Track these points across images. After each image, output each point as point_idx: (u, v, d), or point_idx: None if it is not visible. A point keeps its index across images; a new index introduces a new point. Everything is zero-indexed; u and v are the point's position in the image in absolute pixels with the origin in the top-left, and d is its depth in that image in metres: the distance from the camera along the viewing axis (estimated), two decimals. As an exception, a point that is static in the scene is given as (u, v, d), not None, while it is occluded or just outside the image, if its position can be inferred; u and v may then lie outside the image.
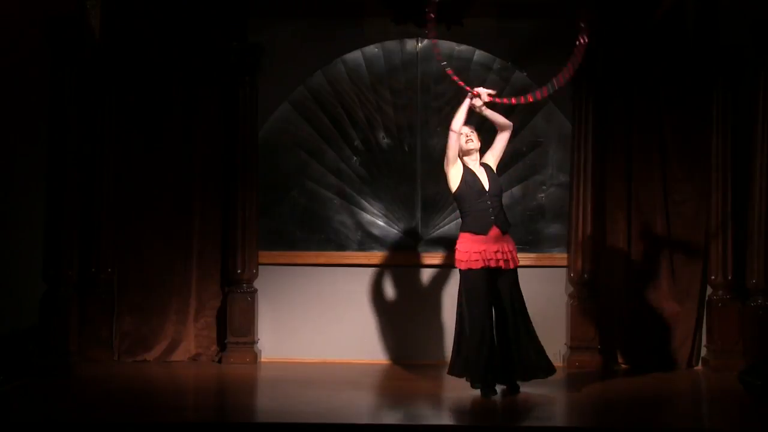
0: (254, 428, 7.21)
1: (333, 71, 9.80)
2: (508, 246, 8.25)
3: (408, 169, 9.77)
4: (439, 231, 9.81)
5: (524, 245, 9.72)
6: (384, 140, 9.78)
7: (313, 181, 9.82)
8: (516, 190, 9.78)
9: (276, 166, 9.79)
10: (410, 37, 9.79)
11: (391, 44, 9.82)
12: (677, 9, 9.38)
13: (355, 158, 9.80)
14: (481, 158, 8.36)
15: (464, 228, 8.24)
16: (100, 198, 9.53)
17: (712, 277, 9.42)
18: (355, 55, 9.80)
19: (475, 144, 8.30)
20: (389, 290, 9.66)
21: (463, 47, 9.79)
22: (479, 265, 8.12)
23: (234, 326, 9.52)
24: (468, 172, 8.26)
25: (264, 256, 9.68)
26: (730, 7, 9.37)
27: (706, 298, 9.51)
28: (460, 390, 8.37)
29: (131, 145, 9.59)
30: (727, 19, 9.39)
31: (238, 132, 9.57)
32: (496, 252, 8.16)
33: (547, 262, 9.72)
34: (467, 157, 8.29)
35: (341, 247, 9.76)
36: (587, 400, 8.31)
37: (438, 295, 9.69)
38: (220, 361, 9.54)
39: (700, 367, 9.50)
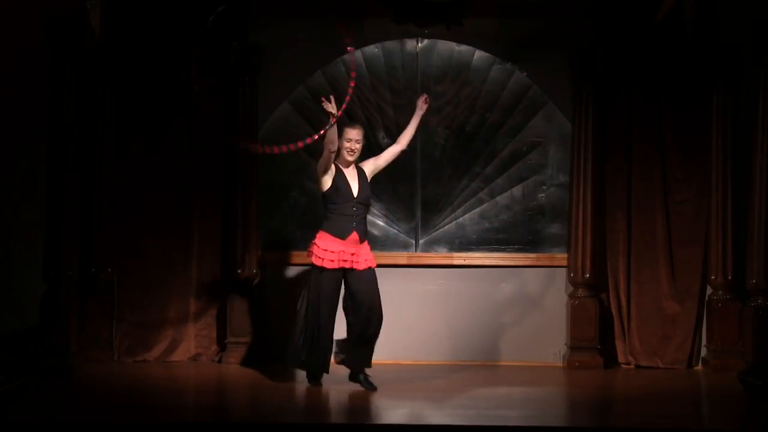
0: (254, 428, 7.20)
1: (333, 71, 9.80)
2: (362, 249, 8.40)
3: (408, 169, 9.76)
4: (439, 231, 9.81)
5: (524, 245, 9.74)
6: (384, 140, 9.77)
7: (313, 181, 9.80)
8: (516, 190, 9.78)
9: (276, 166, 9.79)
10: (410, 37, 9.79)
11: (391, 44, 9.82)
12: (677, 9, 9.38)
13: (355, 158, 9.79)
14: (360, 161, 8.54)
15: (324, 227, 8.41)
16: (100, 198, 9.53)
17: (712, 277, 9.42)
18: (355, 55, 9.79)
19: (357, 155, 8.48)
20: (388, 290, 9.64)
21: (463, 47, 9.79)
22: (334, 265, 8.30)
23: (234, 326, 9.51)
24: (340, 176, 8.42)
25: (264, 256, 9.68)
26: (730, 7, 9.37)
27: (706, 298, 9.51)
28: (461, 389, 8.37)
29: (131, 145, 9.59)
30: (726, 20, 9.39)
31: (238, 132, 9.56)
32: (352, 254, 8.34)
33: (547, 262, 9.72)
34: (343, 160, 8.44)
35: (341, 247, 9.75)
36: (587, 400, 8.32)
37: (437, 295, 9.69)
38: (220, 361, 9.54)
39: (700, 367, 9.50)
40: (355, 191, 8.40)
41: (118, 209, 9.57)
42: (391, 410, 7.84)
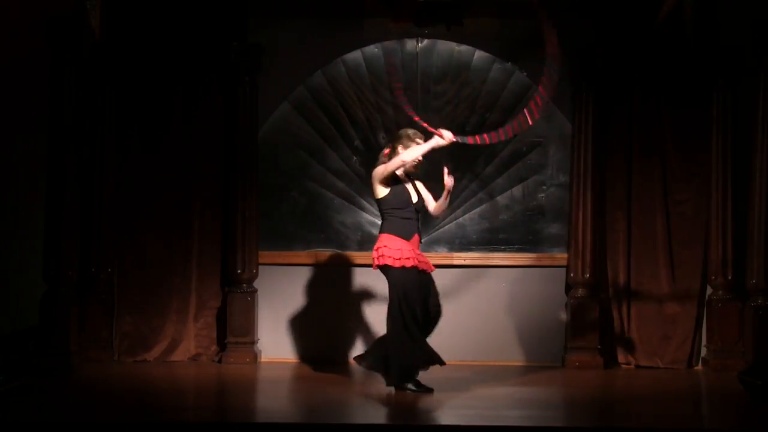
0: (254, 428, 7.20)
1: (333, 71, 9.81)
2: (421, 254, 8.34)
3: (408, 169, 9.76)
4: (439, 231, 9.81)
5: (524, 245, 9.74)
6: (384, 140, 9.77)
7: (313, 181, 9.82)
8: (516, 190, 9.78)
9: (276, 166, 9.80)
10: (410, 37, 9.80)
11: (391, 44, 9.82)
12: (677, 9, 9.38)
13: (355, 158, 9.80)
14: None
15: (388, 230, 8.18)
16: (100, 198, 9.53)
17: (712, 277, 9.42)
18: (355, 55, 9.81)
19: (418, 166, 8.35)
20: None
21: (463, 47, 9.79)
22: (411, 263, 8.14)
23: (234, 326, 9.52)
24: (398, 182, 8.26)
25: (264, 256, 9.68)
26: (730, 7, 9.37)
27: (706, 298, 9.51)
28: (461, 389, 8.37)
29: (131, 145, 9.60)
30: (727, 20, 9.39)
31: (238, 132, 9.57)
32: (418, 255, 8.24)
33: (547, 262, 9.72)
34: (404, 169, 8.30)
35: (341, 247, 9.77)
36: (587, 400, 8.32)
37: (438, 295, 9.69)
38: (220, 361, 9.54)
39: (700, 367, 9.50)
40: (414, 198, 8.29)
41: (118, 209, 9.58)
42: (390, 410, 7.84)
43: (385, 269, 8.16)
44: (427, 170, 9.74)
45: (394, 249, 8.13)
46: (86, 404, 7.87)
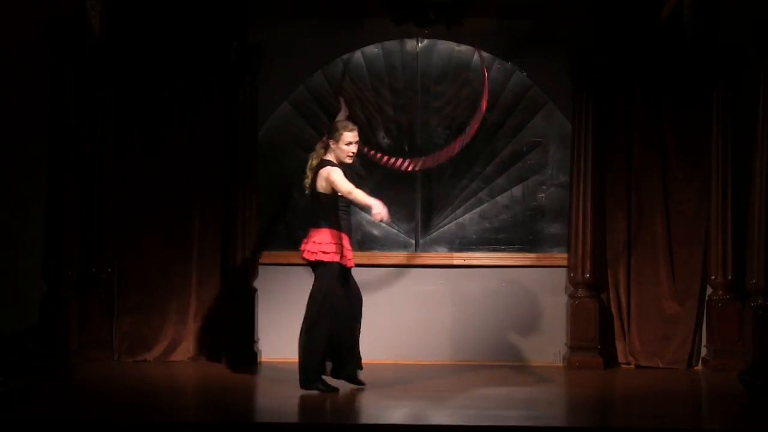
0: (254, 428, 7.21)
1: (333, 71, 9.80)
2: None
3: (408, 169, 9.78)
4: (439, 231, 9.81)
5: (524, 245, 9.74)
6: (384, 140, 9.78)
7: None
8: (516, 190, 9.78)
9: (276, 166, 9.79)
10: (410, 37, 9.80)
11: (391, 44, 9.82)
12: (677, 9, 9.38)
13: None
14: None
15: (329, 225, 8.16)
16: (100, 198, 9.53)
17: (712, 277, 9.42)
18: (355, 55, 9.80)
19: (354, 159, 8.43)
20: (388, 290, 9.66)
21: (463, 47, 9.79)
22: (350, 264, 8.26)
23: (234, 326, 9.51)
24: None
25: (264, 256, 9.68)
26: (730, 7, 9.37)
27: (706, 298, 9.51)
28: (461, 389, 8.38)
29: (131, 145, 9.59)
30: (727, 20, 9.39)
31: (238, 132, 9.57)
32: (349, 251, 8.30)
33: (547, 262, 9.72)
34: (342, 164, 8.28)
35: (341, 247, 9.75)
36: (587, 400, 8.32)
37: (437, 295, 9.69)
38: (220, 361, 9.54)
39: (700, 367, 9.50)
40: None
41: (118, 209, 9.57)
42: (391, 410, 7.84)
43: (315, 264, 8.20)
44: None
45: (335, 245, 8.14)
46: (86, 404, 7.87)
